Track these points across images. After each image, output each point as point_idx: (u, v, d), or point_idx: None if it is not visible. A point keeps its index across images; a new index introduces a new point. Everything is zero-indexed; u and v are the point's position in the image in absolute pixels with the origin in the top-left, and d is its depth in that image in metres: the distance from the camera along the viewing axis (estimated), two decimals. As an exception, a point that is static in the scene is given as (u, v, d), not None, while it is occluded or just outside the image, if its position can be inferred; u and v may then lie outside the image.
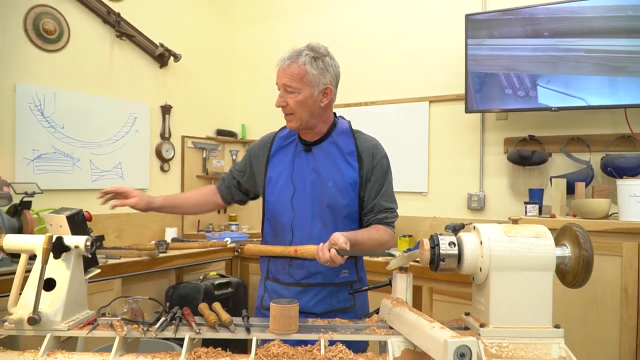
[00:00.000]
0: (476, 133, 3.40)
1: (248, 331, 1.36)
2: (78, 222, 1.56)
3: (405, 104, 3.64)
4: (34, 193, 2.64)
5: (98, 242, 2.78)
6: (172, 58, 3.79)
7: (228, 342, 1.37)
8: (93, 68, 3.33)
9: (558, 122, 3.11)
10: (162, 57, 3.75)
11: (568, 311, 2.48)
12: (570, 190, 2.83)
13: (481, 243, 1.30)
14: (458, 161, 3.46)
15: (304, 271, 1.77)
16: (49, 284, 1.38)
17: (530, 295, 1.28)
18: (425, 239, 1.37)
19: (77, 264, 1.43)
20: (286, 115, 1.76)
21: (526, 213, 2.84)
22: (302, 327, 1.41)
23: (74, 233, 1.51)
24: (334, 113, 1.87)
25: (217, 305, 1.50)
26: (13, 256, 2.35)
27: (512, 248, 1.28)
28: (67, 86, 3.16)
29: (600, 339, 2.45)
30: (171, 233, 3.68)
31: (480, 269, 1.30)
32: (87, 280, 1.56)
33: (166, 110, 3.83)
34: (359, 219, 1.82)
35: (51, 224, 1.57)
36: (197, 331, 1.34)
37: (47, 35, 3.04)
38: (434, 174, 3.56)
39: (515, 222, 1.37)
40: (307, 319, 1.52)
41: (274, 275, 1.84)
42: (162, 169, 3.82)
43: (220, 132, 4.29)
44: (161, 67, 3.80)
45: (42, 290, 1.33)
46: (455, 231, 2.84)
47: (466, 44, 3.12)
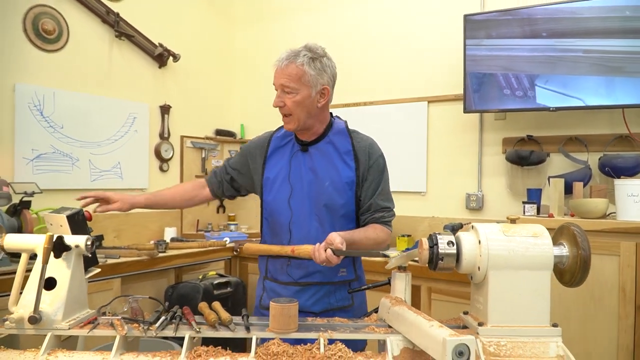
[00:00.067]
0: (474, 133, 3.40)
1: (248, 330, 1.37)
2: (78, 222, 1.57)
3: (404, 104, 3.65)
4: (34, 193, 2.64)
5: (97, 242, 2.78)
6: (171, 58, 3.79)
7: (227, 341, 1.38)
8: (92, 68, 3.33)
9: (556, 122, 3.12)
10: (161, 57, 3.75)
11: (566, 310, 2.49)
12: (568, 190, 2.83)
13: (479, 242, 1.31)
14: (456, 161, 3.47)
15: (302, 271, 1.77)
16: (50, 283, 1.38)
17: (528, 294, 1.28)
18: (424, 239, 1.37)
19: (78, 264, 1.44)
20: (284, 116, 1.76)
21: (524, 213, 2.85)
22: (302, 326, 1.41)
23: (74, 232, 1.52)
24: (330, 113, 1.87)
25: (217, 304, 1.50)
26: (12, 256, 2.35)
27: (510, 247, 1.29)
28: (67, 86, 3.17)
29: (597, 338, 2.46)
30: (170, 233, 3.69)
31: (478, 268, 1.31)
32: (87, 279, 1.56)
33: (165, 110, 3.84)
34: (356, 218, 1.82)
35: (51, 224, 1.57)
36: (197, 330, 1.35)
37: (47, 35, 3.04)
38: (433, 174, 3.57)
39: (513, 222, 1.38)
40: (307, 318, 1.53)
41: (273, 274, 1.85)
42: (161, 169, 3.82)
43: (219, 132, 4.30)
44: (160, 67, 3.80)
45: (43, 289, 1.34)
46: (453, 231, 2.84)
47: (465, 44, 3.13)
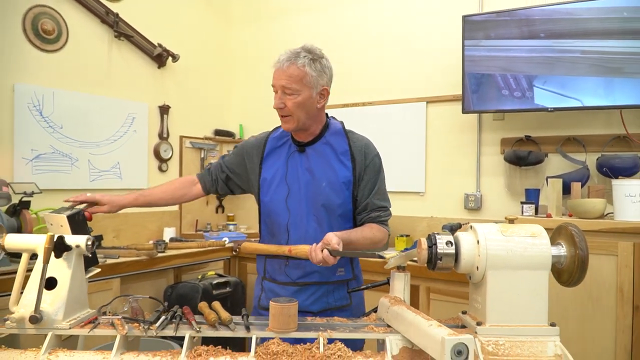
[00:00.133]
0: (473, 133, 3.41)
1: (248, 329, 1.37)
2: (78, 222, 1.57)
3: (402, 105, 3.66)
4: (33, 193, 2.65)
5: (97, 242, 2.78)
6: (170, 58, 3.79)
7: (227, 341, 1.38)
8: (91, 68, 3.34)
9: (554, 123, 3.13)
10: (161, 58, 3.75)
11: (564, 310, 2.50)
12: (566, 190, 2.84)
13: (478, 242, 1.32)
14: (455, 161, 3.48)
15: (300, 271, 1.78)
16: (50, 283, 1.39)
17: (526, 293, 1.29)
18: (422, 239, 1.38)
19: (78, 263, 1.44)
20: (283, 116, 1.75)
21: (522, 213, 2.86)
22: (301, 326, 1.42)
23: (75, 232, 1.52)
24: (326, 114, 1.87)
25: (217, 304, 1.50)
26: (11, 256, 2.35)
27: (509, 247, 1.30)
28: (66, 86, 3.17)
29: (595, 338, 2.47)
30: (169, 233, 3.69)
31: (477, 268, 1.31)
32: (87, 279, 1.57)
33: (164, 110, 3.84)
34: (353, 218, 1.83)
35: (52, 224, 1.58)
36: (198, 330, 1.35)
37: (46, 35, 3.04)
38: (431, 174, 3.58)
39: (511, 222, 1.39)
40: (306, 318, 1.53)
41: (271, 275, 1.85)
42: (160, 169, 3.82)
43: (218, 132, 4.30)
44: (159, 67, 3.80)
45: (44, 289, 1.34)
46: (452, 231, 2.84)
47: (463, 45, 3.14)
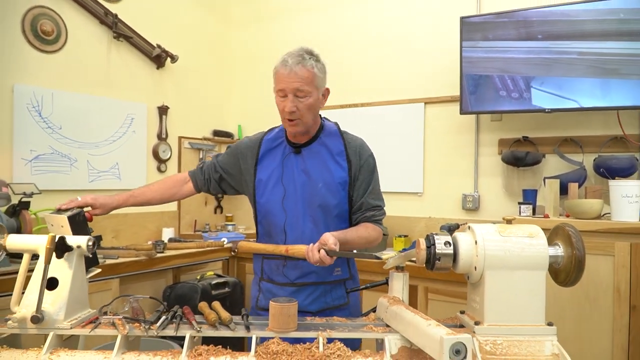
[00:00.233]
0: (471, 134, 3.43)
1: (248, 329, 1.38)
2: (79, 223, 1.58)
3: (400, 105, 3.67)
4: (32, 193, 2.65)
5: (97, 242, 2.79)
6: (169, 59, 3.80)
7: (226, 341, 1.39)
8: (90, 69, 3.34)
9: (551, 124, 3.14)
10: (159, 58, 3.76)
11: (561, 310, 2.52)
12: (563, 190, 2.86)
13: (476, 243, 1.33)
14: (453, 162, 3.49)
15: (298, 271, 1.79)
16: (52, 283, 1.39)
17: (523, 293, 1.31)
18: (421, 239, 1.39)
19: (79, 264, 1.45)
20: (292, 120, 1.72)
21: (520, 213, 2.87)
22: (301, 325, 1.43)
23: (75, 233, 1.53)
24: (319, 114, 1.88)
25: (217, 304, 1.52)
26: (11, 256, 2.36)
27: (506, 247, 1.31)
28: (65, 87, 3.17)
29: (592, 337, 2.48)
30: (168, 233, 3.69)
31: (475, 268, 1.33)
32: (88, 280, 1.57)
33: (163, 111, 3.84)
34: (349, 218, 1.84)
35: (52, 224, 1.58)
36: (198, 329, 1.36)
37: (45, 36, 3.05)
38: (429, 175, 3.59)
39: (509, 222, 1.40)
40: (305, 318, 1.55)
41: (268, 275, 1.86)
42: (159, 170, 3.83)
43: (216, 133, 4.31)
44: (158, 68, 3.81)
45: (45, 289, 1.35)
46: (450, 231, 2.85)
47: (461, 46, 3.15)
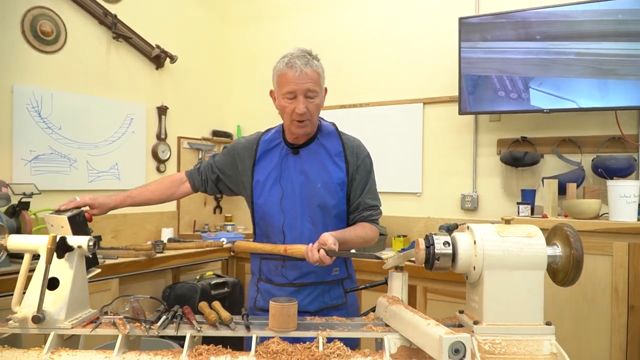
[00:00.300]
0: (469, 134, 3.44)
1: (248, 329, 1.39)
2: (79, 223, 1.58)
3: (399, 106, 3.67)
4: (32, 194, 2.65)
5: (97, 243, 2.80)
6: (168, 59, 3.80)
7: (225, 341, 1.40)
8: (90, 69, 3.34)
9: (550, 124, 3.15)
10: (159, 59, 3.76)
11: (559, 310, 2.52)
12: (561, 190, 2.86)
13: (475, 243, 1.34)
14: (452, 162, 3.50)
15: (297, 272, 1.79)
16: (52, 283, 1.40)
17: (522, 293, 1.31)
18: (420, 239, 1.40)
19: (80, 264, 1.46)
20: (301, 121, 1.71)
21: (518, 213, 2.88)
22: (301, 325, 1.44)
23: (75, 233, 1.54)
24: None
25: (217, 304, 1.52)
26: (11, 256, 2.36)
27: (505, 247, 1.32)
28: (64, 87, 3.17)
29: (590, 337, 2.49)
30: (167, 233, 3.69)
31: (473, 268, 1.34)
32: (88, 280, 1.58)
33: (162, 111, 3.85)
34: (347, 218, 1.85)
35: (52, 225, 1.58)
36: (199, 329, 1.37)
37: (44, 36, 3.05)
38: (428, 175, 3.60)
39: (507, 222, 1.41)
40: (305, 317, 1.55)
41: (267, 276, 1.86)
42: (158, 170, 3.83)
43: (215, 133, 4.31)
44: (157, 69, 3.81)
45: (46, 289, 1.35)
46: (449, 231, 2.86)
47: (460, 47, 3.16)
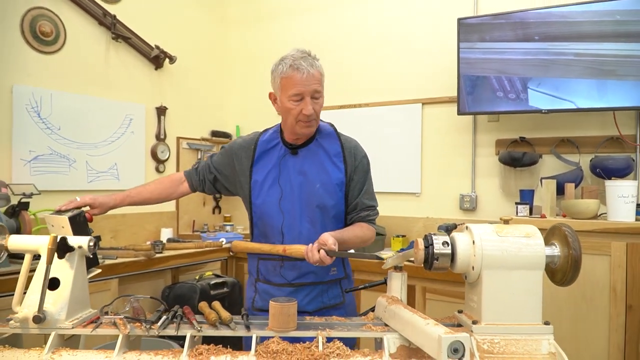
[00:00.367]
0: (468, 135, 3.44)
1: (248, 329, 1.40)
2: (80, 223, 1.58)
3: (398, 106, 3.68)
4: (32, 194, 2.66)
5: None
6: (168, 60, 3.81)
7: (225, 340, 1.40)
8: (89, 70, 3.35)
9: (548, 124, 3.16)
10: (158, 59, 3.77)
11: (558, 310, 2.53)
12: (560, 191, 2.87)
13: (473, 243, 1.34)
14: (450, 162, 3.51)
15: (296, 272, 1.80)
16: (53, 284, 1.40)
17: (520, 293, 1.32)
18: (419, 239, 1.41)
19: (80, 264, 1.46)
20: (307, 122, 1.72)
21: (517, 213, 2.89)
22: (300, 325, 1.44)
23: (76, 234, 1.54)
24: None
25: (217, 304, 1.53)
26: (10, 256, 2.36)
27: (504, 247, 1.33)
28: (64, 88, 3.18)
29: (589, 337, 2.50)
30: (166, 233, 3.70)
31: (472, 268, 1.34)
32: (88, 280, 1.58)
33: (161, 111, 3.85)
34: (345, 218, 1.86)
35: (53, 225, 1.59)
36: (199, 329, 1.37)
37: (44, 37, 3.05)
38: (427, 175, 3.60)
39: (506, 222, 1.42)
40: (305, 317, 1.56)
41: (265, 276, 1.86)
42: (158, 170, 3.84)
43: (214, 134, 4.32)
44: (156, 69, 3.82)
45: (47, 289, 1.36)
46: (448, 231, 2.87)
47: (458, 48, 3.17)
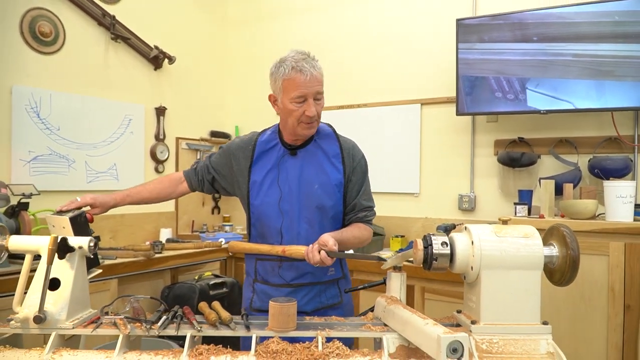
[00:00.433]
0: (467, 135, 3.45)
1: (248, 329, 1.40)
2: (81, 224, 1.59)
3: (397, 106, 3.68)
4: (31, 194, 2.66)
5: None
6: (167, 60, 3.81)
7: (225, 341, 1.41)
8: (88, 70, 3.35)
9: (547, 125, 3.17)
10: (157, 59, 3.77)
11: (556, 310, 2.54)
12: (558, 191, 2.87)
13: (472, 243, 1.35)
14: (449, 163, 3.51)
15: (294, 272, 1.80)
16: (54, 284, 1.41)
17: (519, 293, 1.33)
18: (418, 239, 1.42)
19: (81, 264, 1.47)
20: (309, 123, 1.73)
21: (515, 214, 2.89)
22: (300, 325, 1.45)
23: (77, 234, 1.54)
24: None
25: (217, 304, 1.53)
26: (10, 257, 2.37)
27: (502, 248, 1.33)
28: (63, 88, 3.18)
29: (587, 336, 2.51)
30: (166, 234, 3.70)
31: (471, 268, 1.35)
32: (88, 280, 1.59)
33: (161, 112, 3.86)
34: (343, 219, 1.87)
35: (54, 225, 1.59)
36: (199, 329, 1.38)
37: (43, 37, 3.05)
38: (426, 175, 3.61)
39: (505, 223, 1.42)
40: (304, 317, 1.57)
41: (263, 277, 1.86)
42: (157, 170, 3.84)
43: (213, 134, 4.32)
44: (156, 69, 3.82)
45: (47, 289, 1.36)
46: (446, 231, 2.89)
47: (457, 48, 3.18)
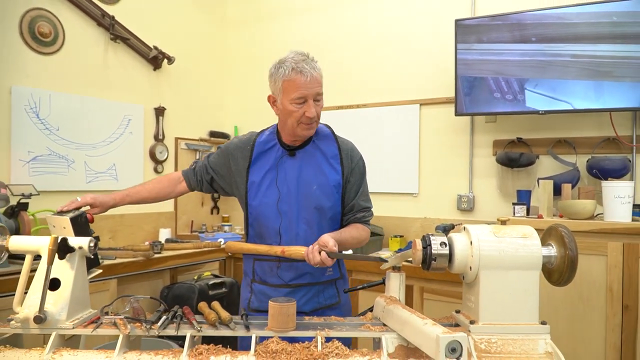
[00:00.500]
0: (466, 135, 3.46)
1: (247, 329, 1.41)
2: (81, 224, 1.59)
3: (396, 107, 3.69)
4: (31, 195, 2.66)
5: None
6: (166, 60, 3.81)
7: (225, 341, 1.41)
8: (88, 70, 3.35)
9: (545, 125, 3.18)
10: (156, 60, 3.77)
11: (554, 310, 2.54)
12: (557, 191, 2.88)
13: (471, 243, 1.36)
14: (448, 163, 3.52)
15: (293, 272, 1.80)
16: (54, 284, 1.41)
17: (517, 293, 1.33)
18: (417, 240, 1.42)
19: (81, 265, 1.47)
20: (309, 124, 1.74)
21: (514, 214, 2.90)
22: (299, 325, 1.46)
23: (77, 234, 1.55)
24: None
25: (217, 304, 1.53)
26: (10, 257, 2.37)
27: (501, 248, 1.34)
28: (62, 88, 3.18)
29: (585, 336, 2.51)
30: (165, 234, 3.70)
31: (470, 268, 1.36)
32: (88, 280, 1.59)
33: (160, 112, 3.86)
34: (341, 219, 1.88)
35: (54, 226, 1.60)
36: (199, 329, 1.38)
37: (43, 38, 3.06)
38: (425, 175, 3.61)
39: (503, 223, 1.43)
40: (303, 317, 1.57)
41: (261, 277, 1.86)
42: (156, 171, 3.84)
43: (213, 134, 4.33)
44: (155, 70, 3.82)
45: (47, 289, 1.37)
46: (445, 232, 2.89)
47: (456, 49, 3.18)
